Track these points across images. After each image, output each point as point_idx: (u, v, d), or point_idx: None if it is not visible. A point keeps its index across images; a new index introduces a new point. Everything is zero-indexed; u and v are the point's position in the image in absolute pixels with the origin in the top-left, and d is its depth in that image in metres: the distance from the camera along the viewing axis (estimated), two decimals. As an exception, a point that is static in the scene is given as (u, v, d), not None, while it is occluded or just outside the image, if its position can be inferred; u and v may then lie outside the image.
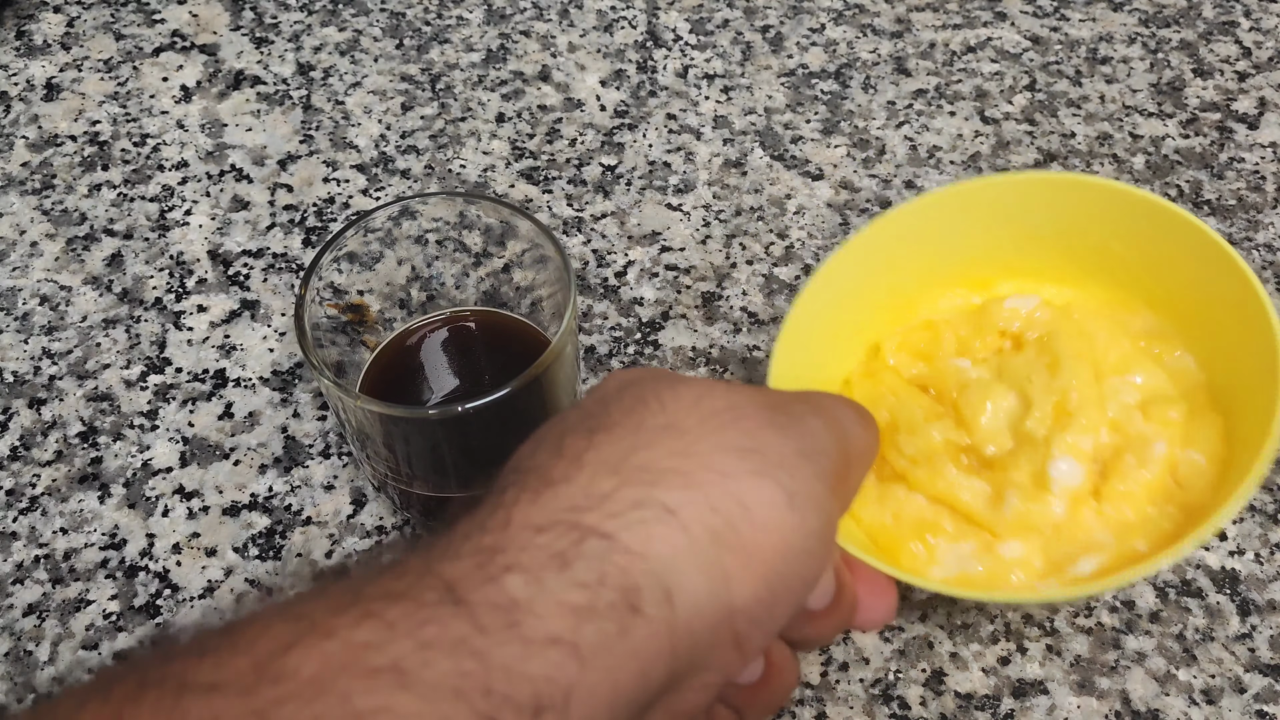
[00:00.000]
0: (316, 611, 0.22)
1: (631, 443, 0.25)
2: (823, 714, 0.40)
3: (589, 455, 0.25)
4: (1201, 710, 0.40)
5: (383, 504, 0.45)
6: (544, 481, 0.24)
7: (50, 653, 0.41)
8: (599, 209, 0.54)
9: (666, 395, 0.26)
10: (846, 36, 0.63)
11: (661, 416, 0.26)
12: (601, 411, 0.27)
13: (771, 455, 0.25)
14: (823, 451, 0.27)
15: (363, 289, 0.43)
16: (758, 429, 0.26)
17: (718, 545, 0.24)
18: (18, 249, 0.53)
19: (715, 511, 0.24)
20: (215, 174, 0.56)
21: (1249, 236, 0.54)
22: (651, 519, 0.23)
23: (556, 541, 0.23)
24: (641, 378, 0.28)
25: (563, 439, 0.26)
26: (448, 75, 0.60)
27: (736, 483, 0.25)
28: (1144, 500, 0.37)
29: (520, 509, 0.24)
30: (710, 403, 0.26)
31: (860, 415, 0.30)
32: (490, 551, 0.23)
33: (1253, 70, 0.61)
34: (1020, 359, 0.40)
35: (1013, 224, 0.41)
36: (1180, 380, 0.40)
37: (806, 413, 0.28)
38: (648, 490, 0.24)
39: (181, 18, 0.63)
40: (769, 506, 0.25)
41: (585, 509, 0.23)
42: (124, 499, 0.45)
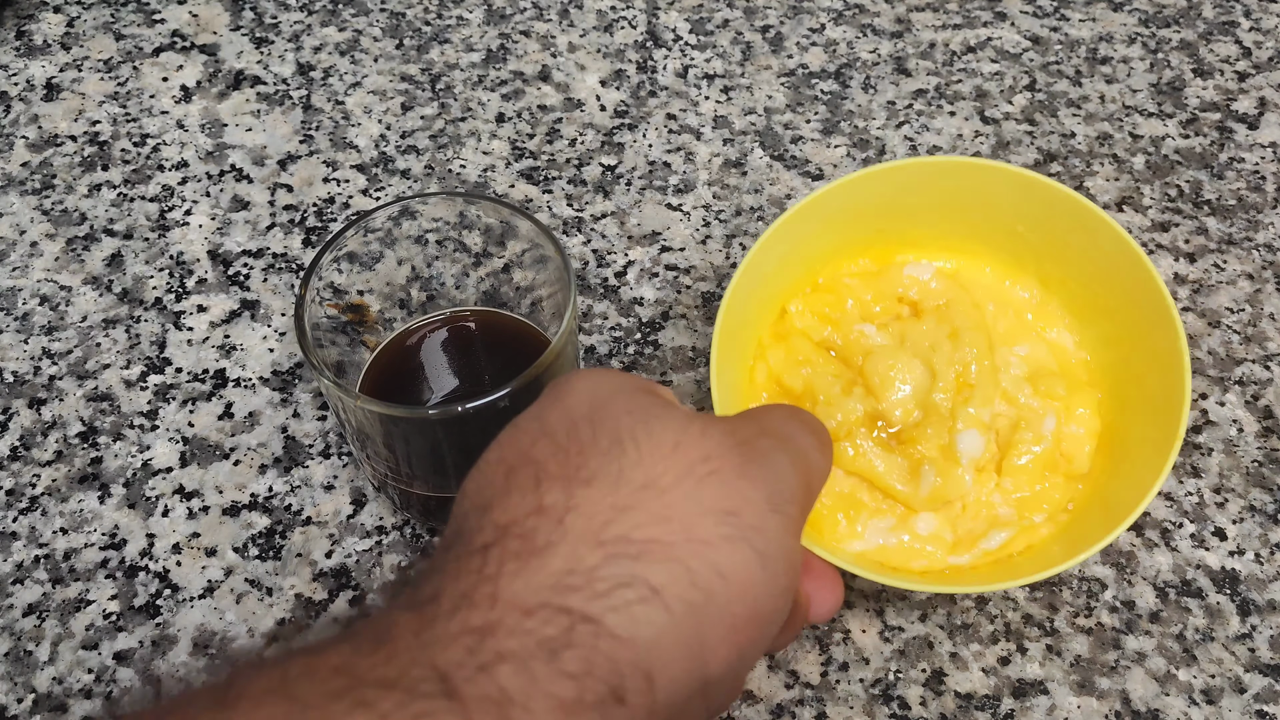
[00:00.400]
0: (311, 695, 0.21)
1: (612, 503, 0.25)
2: (823, 714, 0.40)
3: (570, 519, 0.25)
4: (1201, 710, 0.40)
5: (383, 504, 0.45)
6: (528, 548, 0.24)
7: (50, 653, 0.41)
8: (599, 209, 0.54)
9: (642, 438, 0.26)
10: (846, 36, 0.62)
11: (640, 469, 0.26)
12: (574, 447, 0.26)
13: (747, 516, 0.26)
14: (790, 497, 0.28)
15: (363, 289, 0.43)
16: (733, 483, 0.26)
17: (696, 619, 0.24)
18: (18, 249, 0.53)
19: (695, 586, 0.24)
20: (215, 174, 0.56)
21: (1249, 236, 0.54)
22: (636, 600, 0.24)
23: (545, 627, 0.23)
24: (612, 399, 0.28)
25: (539, 484, 0.26)
26: (448, 75, 0.60)
27: (715, 552, 0.25)
28: (1038, 473, 0.39)
29: (506, 582, 0.24)
30: (686, 452, 0.26)
31: (819, 440, 0.31)
32: (480, 634, 0.23)
33: (1253, 70, 0.61)
34: (921, 327, 0.42)
35: (921, 201, 0.43)
36: (1058, 355, 0.42)
37: (773, 449, 0.28)
38: (631, 566, 0.24)
39: (181, 18, 0.63)
40: (744, 573, 0.25)
41: (571, 589, 0.23)
42: (124, 499, 0.45)
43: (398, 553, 0.44)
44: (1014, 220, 0.42)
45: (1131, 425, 0.40)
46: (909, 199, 0.43)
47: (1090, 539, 0.36)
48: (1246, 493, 0.46)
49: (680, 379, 0.48)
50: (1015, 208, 0.42)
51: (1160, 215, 0.55)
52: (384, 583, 0.41)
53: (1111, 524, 0.36)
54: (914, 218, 0.43)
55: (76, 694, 0.40)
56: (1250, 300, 0.52)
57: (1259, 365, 0.49)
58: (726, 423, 0.28)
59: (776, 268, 0.42)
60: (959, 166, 0.42)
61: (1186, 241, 0.54)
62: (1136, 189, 0.56)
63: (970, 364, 0.41)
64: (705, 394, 0.48)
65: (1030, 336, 0.43)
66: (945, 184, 0.42)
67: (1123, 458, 0.40)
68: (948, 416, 0.40)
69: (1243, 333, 0.50)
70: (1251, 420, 0.48)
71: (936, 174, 0.42)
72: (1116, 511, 0.36)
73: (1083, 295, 0.42)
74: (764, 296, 0.42)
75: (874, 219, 0.43)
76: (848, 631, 0.42)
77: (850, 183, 0.41)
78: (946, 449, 0.40)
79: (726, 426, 0.28)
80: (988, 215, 0.43)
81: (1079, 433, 0.40)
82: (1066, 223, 0.41)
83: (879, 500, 0.40)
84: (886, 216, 0.43)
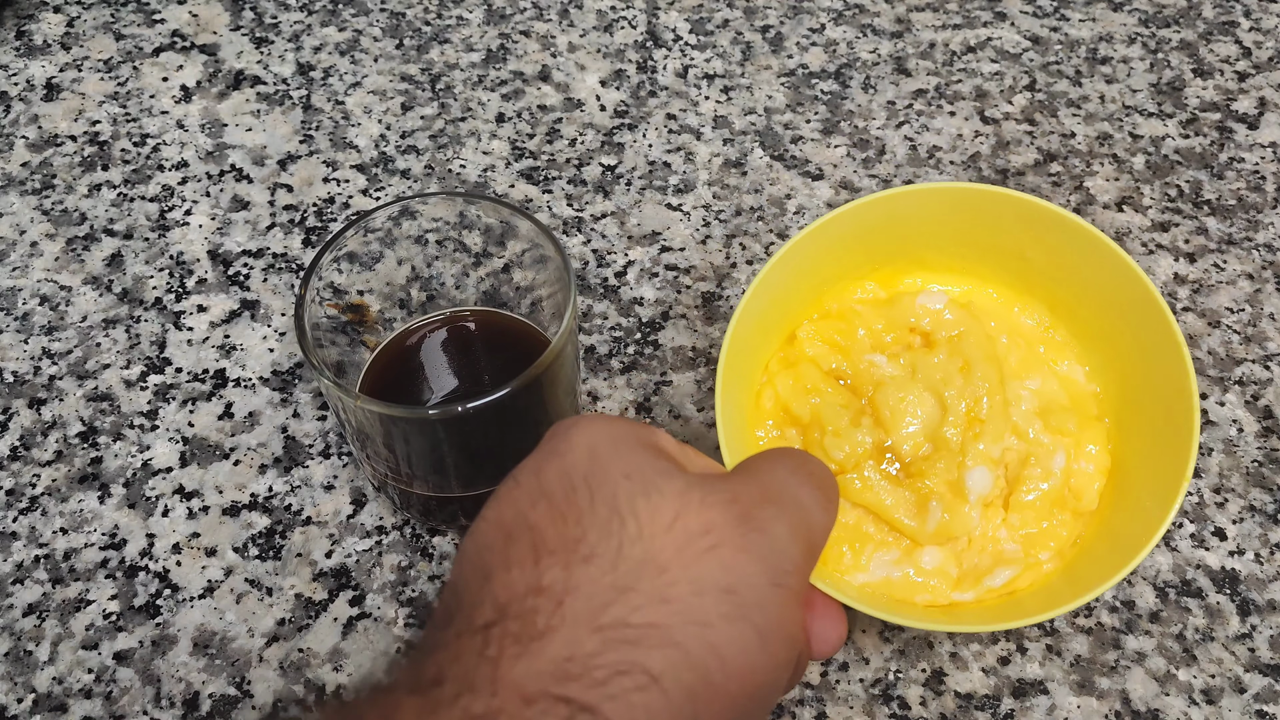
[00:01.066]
0: None
1: (611, 583, 0.25)
2: (823, 714, 0.40)
3: (569, 602, 0.25)
4: (1201, 710, 0.40)
5: (383, 504, 0.45)
6: (528, 631, 0.24)
7: (50, 653, 0.41)
8: (599, 209, 0.54)
9: (641, 509, 0.26)
10: (846, 36, 0.62)
11: (638, 545, 0.26)
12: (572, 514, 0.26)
13: (746, 594, 0.26)
14: (792, 569, 0.27)
15: (363, 289, 0.43)
16: (733, 557, 0.26)
17: (693, 702, 0.24)
18: (18, 249, 0.53)
19: (692, 668, 0.24)
20: (215, 174, 0.56)
21: (1249, 236, 0.54)
22: (633, 688, 0.24)
23: (545, 717, 0.23)
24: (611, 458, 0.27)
25: (539, 559, 0.25)
26: (448, 75, 0.60)
27: (714, 633, 0.25)
28: (1045, 509, 0.39)
29: (507, 666, 0.24)
30: (685, 525, 0.26)
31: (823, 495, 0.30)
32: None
33: (1253, 70, 0.61)
34: (933, 359, 0.41)
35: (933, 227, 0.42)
36: (1068, 388, 0.42)
37: (774, 519, 0.27)
38: (630, 653, 0.24)
39: (181, 18, 0.63)
40: (742, 653, 0.25)
41: (570, 677, 0.24)
42: (124, 499, 0.45)
43: (398, 553, 0.44)
44: (1023, 246, 0.42)
45: (1139, 459, 0.39)
46: (918, 224, 0.42)
47: (1096, 578, 0.35)
48: (1246, 493, 0.46)
49: (680, 379, 0.48)
50: (1024, 234, 0.41)
51: (1160, 215, 0.55)
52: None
53: (1119, 563, 0.35)
54: (923, 242, 0.43)
55: (76, 694, 0.40)
56: (1250, 300, 0.52)
57: (1259, 365, 0.49)
58: (728, 488, 0.28)
59: (784, 291, 0.41)
60: (968, 193, 0.41)
61: (1186, 241, 0.54)
62: (1136, 189, 0.56)
63: (982, 398, 0.40)
64: (705, 394, 0.48)
65: (1042, 370, 0.42)
66: (954, 209, 0.42)
67: (1129, 492, 0.39)
68: (958, 451, 0.39)
69: (1243, 333, 0.50)
70: (1251, 420, 0.48)
71: (945, 200, 0.42)
72: (1124, 549, 0.36)
73: (1091, 323, 0.42)
74: (771, 320, 0.42)
75: (882, 243, 0.43)
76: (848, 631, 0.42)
77: (860, 207, 0.41)
78: (955, 484, 0.39)
79: (727, 495, 0.27)
80: (996, 241, 0.42)
81: (1089, 470, 0.40)
82: (1074, 250, 0.40)
83: (884, 532, 0.39)
84: (895, 241, 0.43)
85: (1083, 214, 0.54)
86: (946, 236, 0.43)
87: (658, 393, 0.48)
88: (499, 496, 0.28)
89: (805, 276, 0.42)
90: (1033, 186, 0.56)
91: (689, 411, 0.48)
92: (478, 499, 0.41)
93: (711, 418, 0.47)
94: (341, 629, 0.42)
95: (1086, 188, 0.56)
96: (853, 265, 0.44)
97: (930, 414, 0.40)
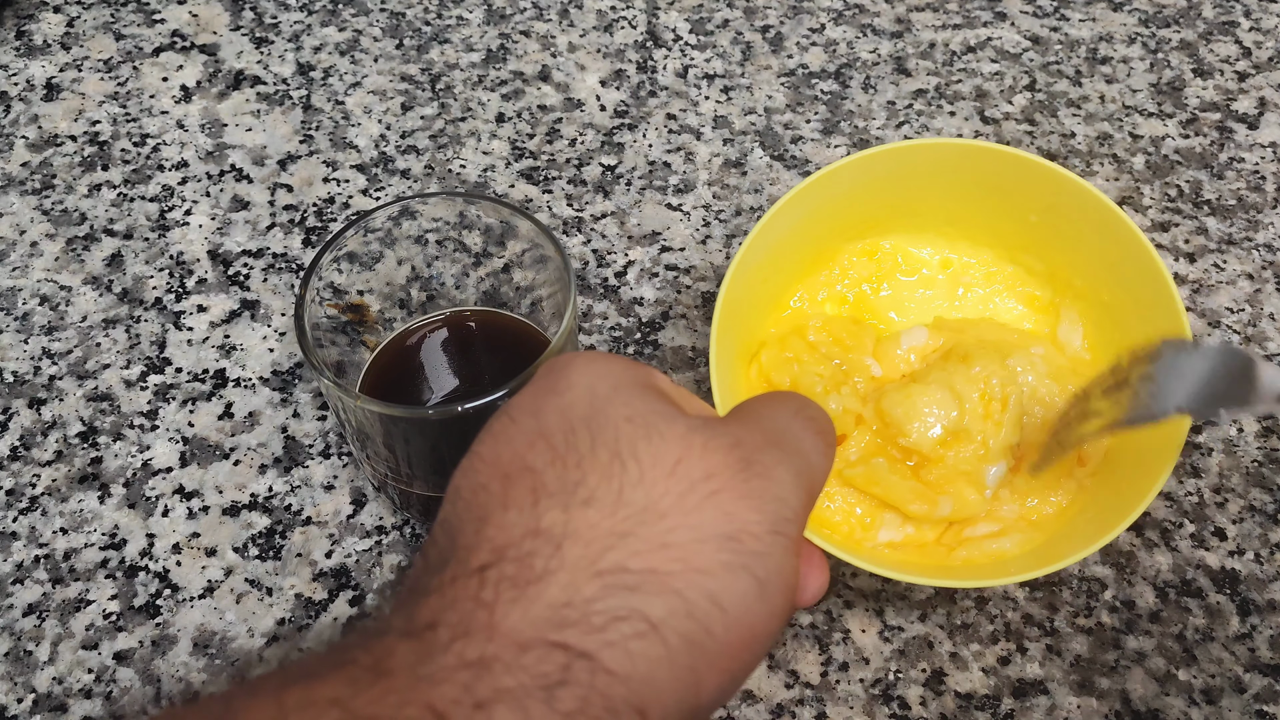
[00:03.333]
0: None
1: (610, 527, 0.25)
2: (823, 714, 0.40)
3: (568, 546, 0.24)
4: (1201, 710, 0.40)
5: (383, 504, 0.45)
6: (526, 575, 0.24)
7: (50, 653, 0.41)
8: (599, 209, 0.54)
9: (643, 452, 0.26)
10: (846, 36, 0.63)
11: (639, 490, 0.25)
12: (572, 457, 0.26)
13: (748, 541, 0.26)
14: (792, 516, 0.27)
15: (363, 289, 0.43)
16: (734, 504, 0.26)
17: (692, 651, 0.24)
18: (18, 249, 0.53)
19: (691, 616, 0.24)
20: (215, 174, 0.56)
21: (1249, 236, 0.54)
22: (632, 635, 0.23)
23: (541, 664, 0.23)
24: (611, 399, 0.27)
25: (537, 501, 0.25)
26: (448, 75, 0.60)
27: (714, 580, 0.25)
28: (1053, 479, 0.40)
29: (503, 612, 0.23)
30: (687, 469, 0.26)
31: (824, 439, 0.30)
32: (476, 669, 0.22)
33: (1253, 70, 0.61)
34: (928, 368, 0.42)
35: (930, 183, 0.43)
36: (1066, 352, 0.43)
37: (777, 463, 0.27)
38: (628, 599, 0.24)
39: (181, 18, 0.63)
40: (742, 602, 0.25)
41: (568, 623, 0.23)
42: (124, 499, 0.45)
43: (398, 553, 0.44)
44: (1026, 209, 0.42)
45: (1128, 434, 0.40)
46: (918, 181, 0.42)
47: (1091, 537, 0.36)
48: (1246, 493, 0.46)
49: (680, 379, 0.48)
50: (1029, 197, 0.42)
51: (1160, 215, 0.55)
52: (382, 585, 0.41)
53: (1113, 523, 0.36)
54: (922, 200, 0.43)
55: (76, 694, 0.40)
56: (1250, 300, 0.52)
57: (1259, 365, 0.49)
58: (730, 432, 0.27)
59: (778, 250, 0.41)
60: (973, 150, 0.42)
61: (1186, 241, 0.54)
62: (1136, 189, 0.56)
63: (990, 378, 0.40)
64: (706, 394, 0.48)
65: (1039, 339, 0.43)
66: (957, 166, 0.42)
67: (1124, 455, 0.40)
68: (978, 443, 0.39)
69: (1243, 333, 0.50)
70: (1251, 420, 0.48)
71: (949, 156, 0.42)
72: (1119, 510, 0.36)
73: (1091, 292, 0.42)
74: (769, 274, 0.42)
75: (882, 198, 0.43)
76: (848, 631, 0.42)
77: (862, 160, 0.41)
78: (973, 476, 0.39)
79: (730, 438, 0.27)
80: (1001, 202, 0.42)
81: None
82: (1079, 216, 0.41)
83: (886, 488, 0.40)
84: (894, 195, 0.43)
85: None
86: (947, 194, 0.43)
87: (658, 393, 0.48)
88: (494, 433, 0.27)
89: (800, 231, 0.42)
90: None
91: (689, 411, 0.48)
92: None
93: (711, 418, 0.47)
94: (341, 629, 0.42)
95: (1086, 188, 0.56)
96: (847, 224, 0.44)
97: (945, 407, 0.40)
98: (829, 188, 0.41)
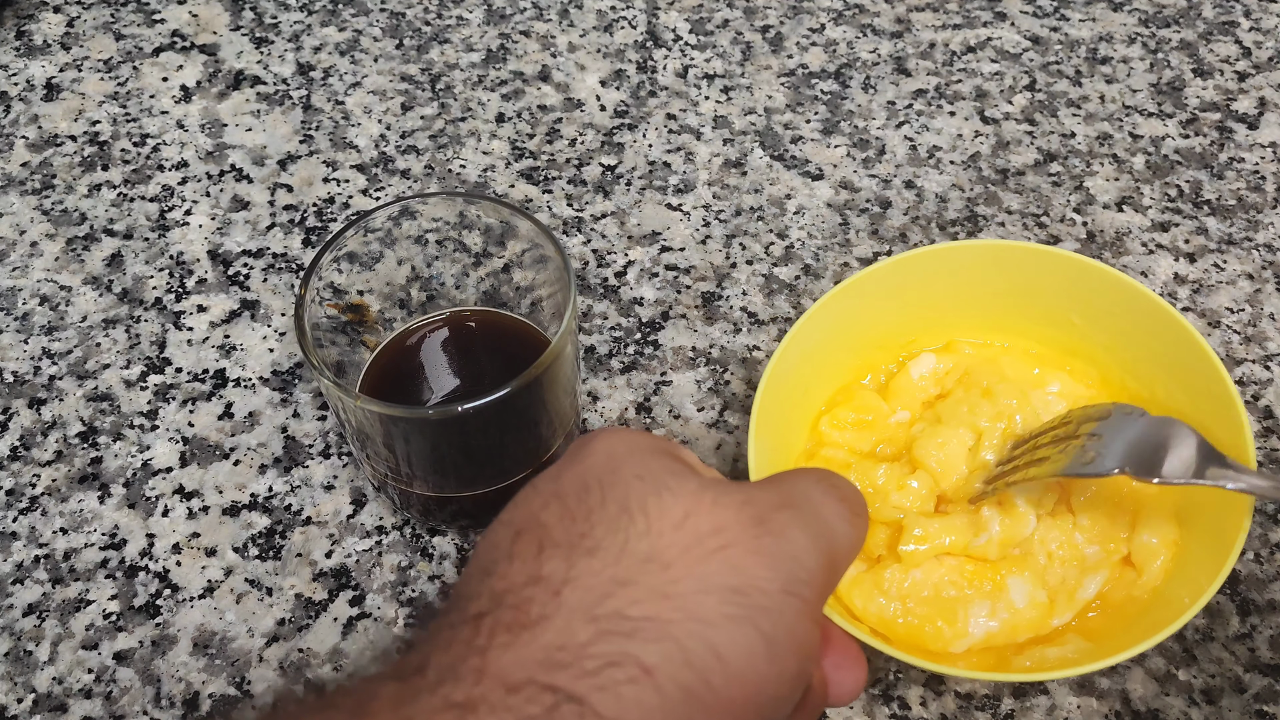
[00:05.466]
0: None
1: (612, 575, 0.24)
2: (823, 714, 0.40)
3: (567, 592, 0.24)
4: (1201, 710, 0.40)
5: (383, 504, 0.45)
6: (521, 619, 0.23)
7: (50, 653, 0.41)
8: (599, 209, 0.54)
9: (652, 506, 0.26)
10: (846, 36, 0.63)
11: (645, 540, 0.25)
12: (582, 511, 0.26)
13: (756, 597, 0.25)
14: (807, 579, 0.26)
15: (363, 289, 0.43)
16: (743, 559, 0.25)
17: (689, 702, 0.23)
18: (18, 249, 0.53)
19: (690, 666, 0.23)
20: (215, 174, 0.56)
21: (1249, 236, 0.54)
22: (625, 680, 0.23)
23: (528, 705, 0.22)
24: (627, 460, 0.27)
25: (541, 549, 0.25)
26: (448, 75, 0.60)
27: (715, 631, 0.24)
28: (1108, 501, 0.39)
29: (495, 655, 0.23)
30: (695, 524, 0.25)
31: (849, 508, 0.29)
32: (461, 710, 0.22)
33: (1253, 70, 0.61)
34: (951, 401, 0.41)
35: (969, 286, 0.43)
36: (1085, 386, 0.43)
37: (791, 524, 0.26)
38: (624, 644, 0.23)
39: (181, 18, 0.63)
40: (746, 657, 0.24)
41: (560, 665, 0.23)
42: (124, 499, 0.45)
43: (398, 553, 0.44)
44: (1069, 311, 0.42)
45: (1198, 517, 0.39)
46: (953, 285, 0.42)
47: (1202, 578, 0.35)
48: (1246, 493, 0.46)
49: (680, 379, 0.48)
50: (1069, 296, 0.41)
51: (1160, 215, 0.55)
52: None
53: (1223, 549, 0.35)
54: (959, 303, 0.43)
55: (76, 694, 0.40)
56: (1250, 300, 0.52)
57: (1259, 365, 0.49)
58: (743, 492, 0.27)
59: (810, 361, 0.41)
60: (1005, 250, 0.41)
61: (1186, 241, 0.54)
62: (1136, 189, 0.56)
63: (1014, 415, 0.40)
64: (706, 394, 0.48)
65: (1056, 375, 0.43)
66: (991, 269, 0.42)
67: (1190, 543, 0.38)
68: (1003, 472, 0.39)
69: (1243, 333, 0.50)
70: (1252, 420, 0.48)
71: (981, 258, 0.42)
72: (1222, 535, 0.35)
73: (1145, 390, 0.42)
74: (805, 381, 0.41)
75: (912, 309, 0.43)
76: (848, 631, 0.42)
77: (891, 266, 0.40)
78: (1004, 499, 0.39)
79: (743, 497, 0.26)
80: (1040, 302, 0.42)
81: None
82: (1124, 311, 0.40)
83: (966, 586, 0.38)
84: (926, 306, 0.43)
85: (1082, 214, 0.54)
86: (989, 299, 0.42)
87: (658, 393, 0.48)
88: (516, 501, 0.27)
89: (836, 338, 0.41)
90: (1033, 186, 0.56)
91: (689, 411, 0.48)
92: (478, 499, 0.41)
93: (712, 417, 0.47)
94: (341, 629, 0.42)
95: (1086, 188, 0.56)
96: (885, 333, 0.43)
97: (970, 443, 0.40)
98: (858, 298, 0.41)
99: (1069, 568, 0.38)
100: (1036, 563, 0.38)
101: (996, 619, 0.37)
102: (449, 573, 0.43)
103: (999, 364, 0.43)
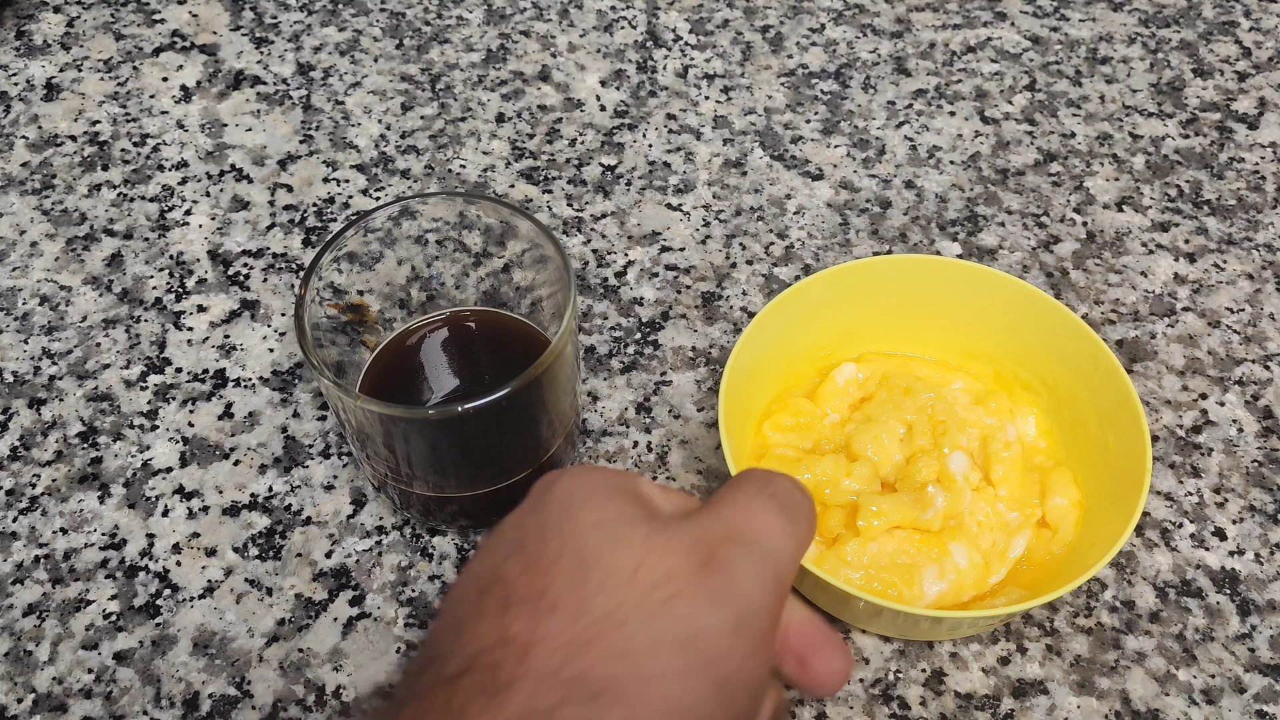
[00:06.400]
0: None
1: (573, 635, 0.25)
2: (823, 714, 0.40)
3: (533, 656, 0.25)
4: (1201, 710, 0.40)
5: (383, 504, 0.45)
6: (493, 684, 0.25)
7: (50, 653, 0.41)
8: (599, 209, 0.54)
9: (606, 559, 0.27)
10: (846, 36, 0.63)
11: (600, 598, 0.26)
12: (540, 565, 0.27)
13: (707, 644, 0.26)
14: (757, 609, 0.27)
15: (363, 289, 0.43)
16: (692, 608, 0.26)
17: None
18: (18, 249, 0.53)
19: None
20: (215, 174, 0.56)
21: (1249, 236, 0.54)
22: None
23: None
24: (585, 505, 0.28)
25: (507, 608, 0.26)
26: (448, 75, 0.60)
27: (672, 685, 0.25)
28: (1019, 472, 0.43)
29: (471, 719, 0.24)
30: (647, 575, 0.26)
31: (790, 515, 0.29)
32: None
33: (1253, 70, 0.61)
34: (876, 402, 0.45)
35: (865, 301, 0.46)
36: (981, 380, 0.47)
37: (739, 558, 0.27)
38: (587, 709, 0.24)
39: (181, 18, 0.63)
40: (699, 705, 0.25)
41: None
42: (124, 499, 0.45)
43: (397, 553, 0.44)
44: (961, 314, 0.46)
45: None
46: (860, 301, 0.46)
47: (1109, 534, 0.38)
48: (1246, 493, 0.46)
49: (680, 379, 0.48)
50: (961, 301, 0.45)
51: (1160, 215, 0.55)
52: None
53: (1124, 514, 0.38)
54: (866, 320, 0.47)
55: (76, 694, 0.40)
56: (1250, 300, 0.52)
57: (1259, 365, 0.49)
58: (691, 532, 0.28)
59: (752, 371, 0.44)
60: (893, 264, 0.45)
61: (1186, 241, 0.54)
62: (1136, 189, 0.56)
63: (934, 405, 0.44)
64: (706, 394, 0.48)
65: (953, 373, 0.47)
66: (889, 282, 0.46)
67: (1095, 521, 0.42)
68: (933, 448, 0.43)
69: (1243, 333, 0.50)
70: (1251, 420, 0.48)
71: (880, 272, 0.45)
72: (1124, 502, 0.39)
73: (1036, 380, 0.46)
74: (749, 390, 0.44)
75: (827, 321, 0.46)
76: (848, 631, 0.42)
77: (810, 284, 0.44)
78: (942, 473, 0.42)
79: (691, 537, 0.27)
80: (939, 310, 0.46)
81: (1032, 430, 0.45)
82: (1011, 308, 0.45)
83: (914, 554, 0.41)
84: (840, 318, 0.46)
85: (1082, 214, 0.54)
86: (888, 311, 0.47)
87: (658, 393, 0.48)
88: (481, 549, 0.28)
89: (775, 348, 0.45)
90: (1033, 186, 0.56)
91: (689, 411, 0.48)
92: (477, 499, 0.41)
93: (712, 417, 0.47)
94: (341, 629, 0.42)
95: (1086, 188, 0.56)
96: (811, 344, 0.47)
97: (900, 434, 0.44)
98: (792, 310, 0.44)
99: (997, 532, 0.42)
100: (970, 531, 0.42)
101: (945, 580, 0.41)
102: (449, 573, 0.43)
103: (910, 368, 0.47)
